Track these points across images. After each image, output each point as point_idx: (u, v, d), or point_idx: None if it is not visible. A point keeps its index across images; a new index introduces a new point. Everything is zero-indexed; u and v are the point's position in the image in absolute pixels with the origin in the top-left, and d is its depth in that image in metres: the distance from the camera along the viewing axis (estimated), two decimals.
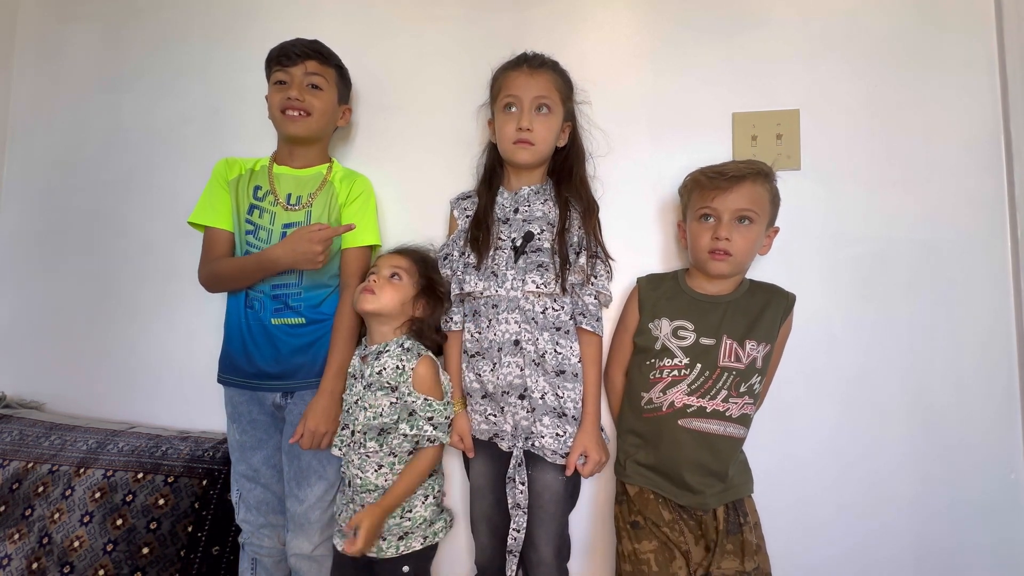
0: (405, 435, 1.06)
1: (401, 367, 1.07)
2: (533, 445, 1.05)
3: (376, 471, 1.06)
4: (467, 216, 1.17)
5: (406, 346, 1.10)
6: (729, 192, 1.02)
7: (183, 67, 1.51)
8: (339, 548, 1.09)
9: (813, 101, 1.19)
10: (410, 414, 1.06)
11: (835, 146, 1.18)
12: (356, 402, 1.09)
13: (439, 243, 1.23)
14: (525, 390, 1.05)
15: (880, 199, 1.17)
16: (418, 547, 1.08)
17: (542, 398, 1.05)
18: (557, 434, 1.05)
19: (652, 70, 1.25)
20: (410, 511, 1.08)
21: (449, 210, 1.23)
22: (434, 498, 1.12)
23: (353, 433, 1.08)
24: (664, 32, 1.26)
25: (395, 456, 1.07)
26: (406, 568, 1.07)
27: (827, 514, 1.14)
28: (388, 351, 1.09)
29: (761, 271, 1.15)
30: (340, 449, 1.10)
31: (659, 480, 1.04)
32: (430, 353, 1.11)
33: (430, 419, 1.06)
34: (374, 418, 1.06)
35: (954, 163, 1.15)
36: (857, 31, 1.19)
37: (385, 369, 1.07)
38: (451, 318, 1.14)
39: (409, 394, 1.06)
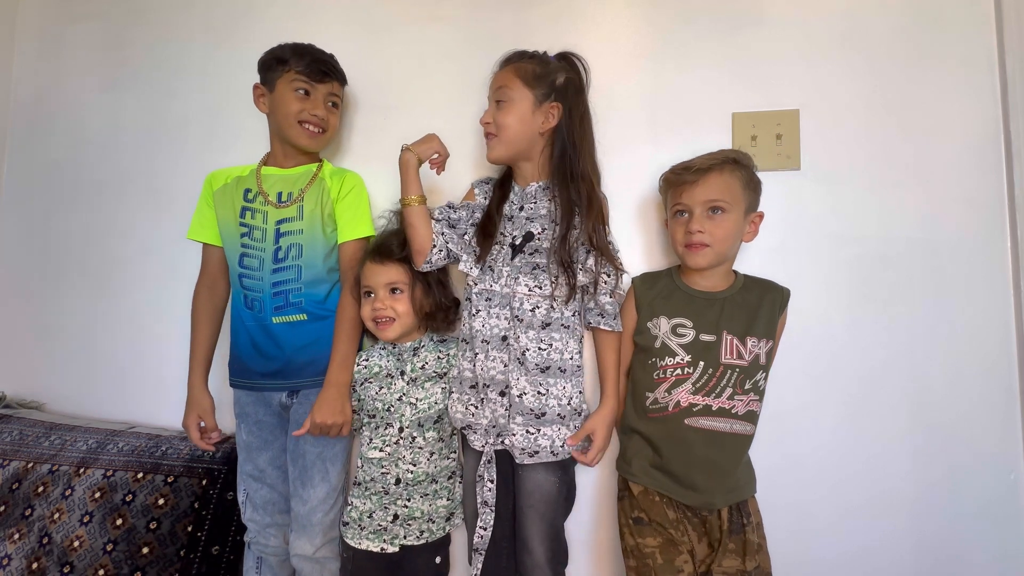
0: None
1: (443, 355, 1.14)
2: (503, 442, 1.05)
3: (428, 459, 1.11)
4: (485, 199, 1.16)
5: (436, 339, 1.17)
6: (696, 185, 1.03)
7: (183, 67, 1.51)
8: (373, 549, 1.08)
9: (813, 101, 1.19)
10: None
11: (835, 146, 1.18)
12: (400, 399, 1.11)
13: None
14: (506, 386, 1.05)
15: (880, 199, 1.17)
16: (459, 523, 1.16)
17: (520, 397, 1.04)
18: (527, 431, 1.04)
19: (652, 70, 1.26)
20: (452, 492, 1.15)
21: (470, 188, 1.20)
22: (463, 476, 1.19)
23: (401, 430, 1.10)
24: (664, 32, 1.26)
25: (443, 441, 1.13)
26: (439, 559, 1.13)
27: (827, 514, 1.14)
28: (424, 346, 1.15)
29: (760, 271, 1.15)
30: (382, 450, 1.10)
31: (665, 481, 1.03)
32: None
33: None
34: (429, 408, 1.11)
35: (954, 163, 1.15)
36: (857, 31, 1.19)
37: (427, 363, 1.13)
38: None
39: (449, 365, 1.15)
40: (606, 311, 1.08)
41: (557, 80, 1.08)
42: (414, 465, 1.09)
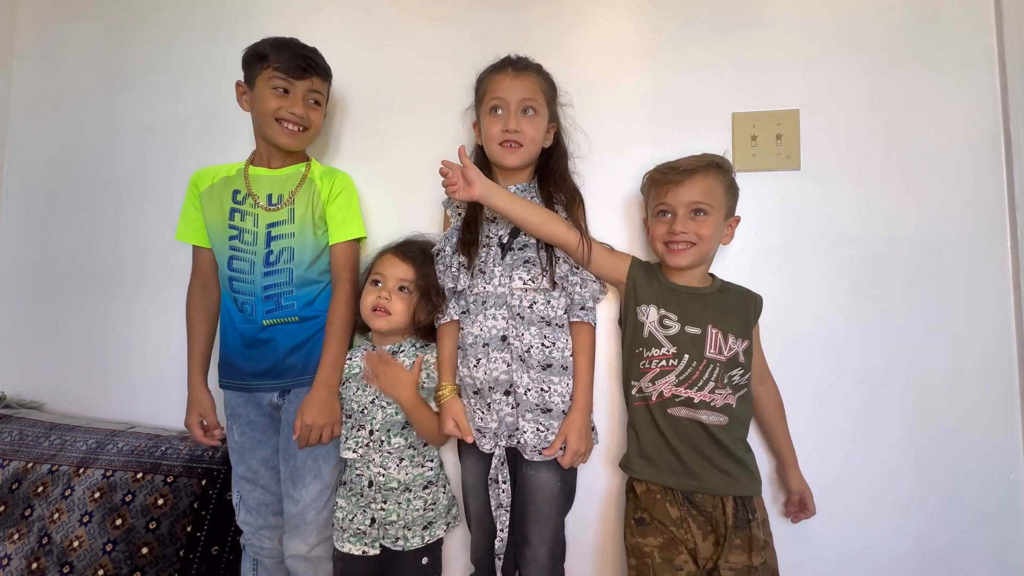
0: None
1: (424, 363, 1.12)
2: (517, 442, 1.06)
3: (398, 465, 1.09)
4: (459, 214, 1.17)
5: (418, 345, 1.15)
6: (681, 186, 1.04)
7: (183, 67, 1.51)
8: (355, 552, 1.09)
9: (813, 101, 1.19)
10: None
11: (835, 146, 1.18)
12: (372, 402, 1.10)
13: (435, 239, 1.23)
14: (511, 386, 1.05)
15: (880, 199, 1.16)
16: (441, 534, 1.14)
17: (525, 394, 1.05)
18: (538, 429, 1.05)
19: (652, 70, 1.25)
20: (434, 503, 1.12)
21: (443, 210, 1.23)
22: (449, 486, 1.18)
23: (371, 432, 1.09)
24: (664, 32, 1.25)
25: (414, 448, 1.11)
26: (425, 559, 1.11)
27: (827, 513, 1.13)
28: (403, 351, 1.13)
29: (760, 271, 1.15)
30: (355, 451, 1.10)
31: (659, 471, 1.03)
32: None
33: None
34: (396, 413, 1.09)
35: (954, 163, 1.15)
36: (857, 31, 1.19)
37: (404, 367, 1.11)
38: (442, 312, 1.13)
39: (427, 378, 1.11)
40: (574, 301, 1.09)
41: (559, 102, 1.18)
42: (384, 469, 1.09)
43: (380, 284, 1.11)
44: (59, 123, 1.60)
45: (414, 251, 1.14)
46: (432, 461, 1.14)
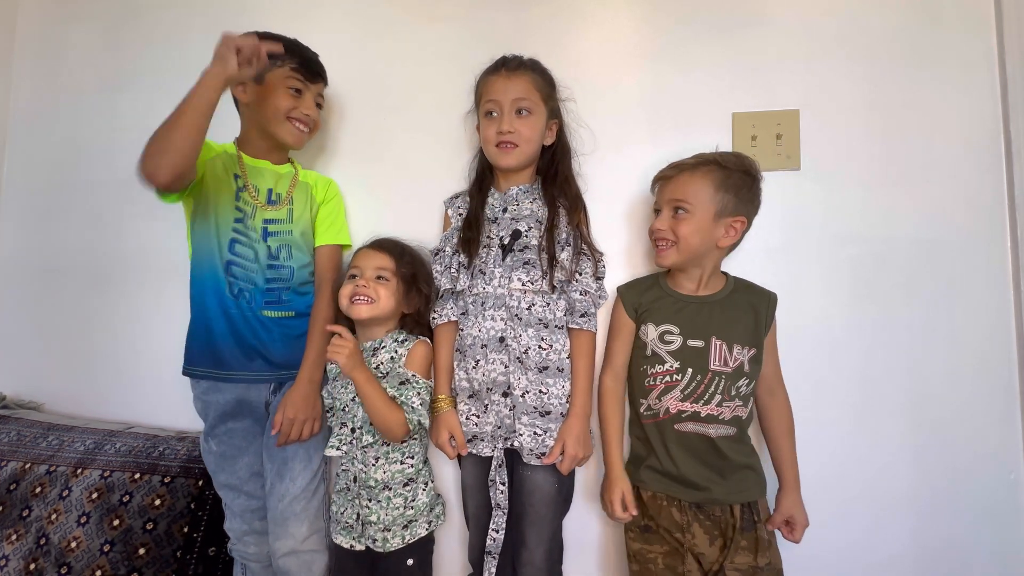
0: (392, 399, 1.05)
1: (397, 356, 1.10)
2: (512, 444, 1.06)
3: (375, 464, 1.08)
4: (460, 215, 1.17)
5: (400, 339, 1.13)
6: (668, 182, 1.05)
7: (183, 67, 1.49)
8: (344, 545, 1.10)
9: (813, 101, 1.19)
10: (401, 383, 1.07)
11: (835, 146, 1.18)
12: (353, 399, 1.09)
13: (433, 242, 1.22)
14: (508, 387, 1.05)
15: (880, 199, 1.16)
16: (423, 533, 1.10)
17: (523, 396, 1.05)
18: (535, 432, 1.04)
19: (652, 70, 1.26)
20: (414, 500, 1.10)
21: (443, 210, 1.23)
22: (431, 483, 1.15)
23: (353, 430, 1.09)
24: (664, 32, 1.26)
25: (388, 446, 1.09)
26: (410, 561, 1.09)
27: (827, 513, 1.13)
28: (384, 347, 1.12)
29: (761, 271, 1.15)
30: (339, 449, 1.09)
31: (668, 483, 1.03)
32: (426, 339, 1.14)
33: (418, 393, 1.06)
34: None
35: (954, 163, 1.15)
36: (857, 31, 1.19)
37: (382, 364, 1.10)
38: (439, 312, 1.14)
39: (399, 367, 1.09)
40: (574, 308, 1.09)
41: (559, 98, 1.17)
42: (365, 466, 1.08)
43: (357, 276, 1.11)
44: (59, 123, 1.60)
45: (389, 244, 1.15)
46: (412, 458, 1.11)
